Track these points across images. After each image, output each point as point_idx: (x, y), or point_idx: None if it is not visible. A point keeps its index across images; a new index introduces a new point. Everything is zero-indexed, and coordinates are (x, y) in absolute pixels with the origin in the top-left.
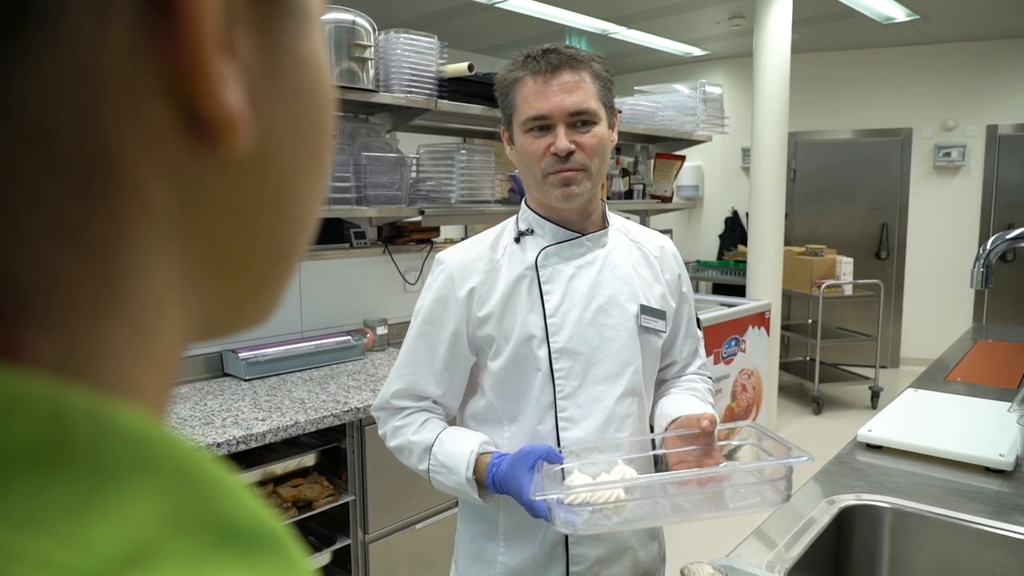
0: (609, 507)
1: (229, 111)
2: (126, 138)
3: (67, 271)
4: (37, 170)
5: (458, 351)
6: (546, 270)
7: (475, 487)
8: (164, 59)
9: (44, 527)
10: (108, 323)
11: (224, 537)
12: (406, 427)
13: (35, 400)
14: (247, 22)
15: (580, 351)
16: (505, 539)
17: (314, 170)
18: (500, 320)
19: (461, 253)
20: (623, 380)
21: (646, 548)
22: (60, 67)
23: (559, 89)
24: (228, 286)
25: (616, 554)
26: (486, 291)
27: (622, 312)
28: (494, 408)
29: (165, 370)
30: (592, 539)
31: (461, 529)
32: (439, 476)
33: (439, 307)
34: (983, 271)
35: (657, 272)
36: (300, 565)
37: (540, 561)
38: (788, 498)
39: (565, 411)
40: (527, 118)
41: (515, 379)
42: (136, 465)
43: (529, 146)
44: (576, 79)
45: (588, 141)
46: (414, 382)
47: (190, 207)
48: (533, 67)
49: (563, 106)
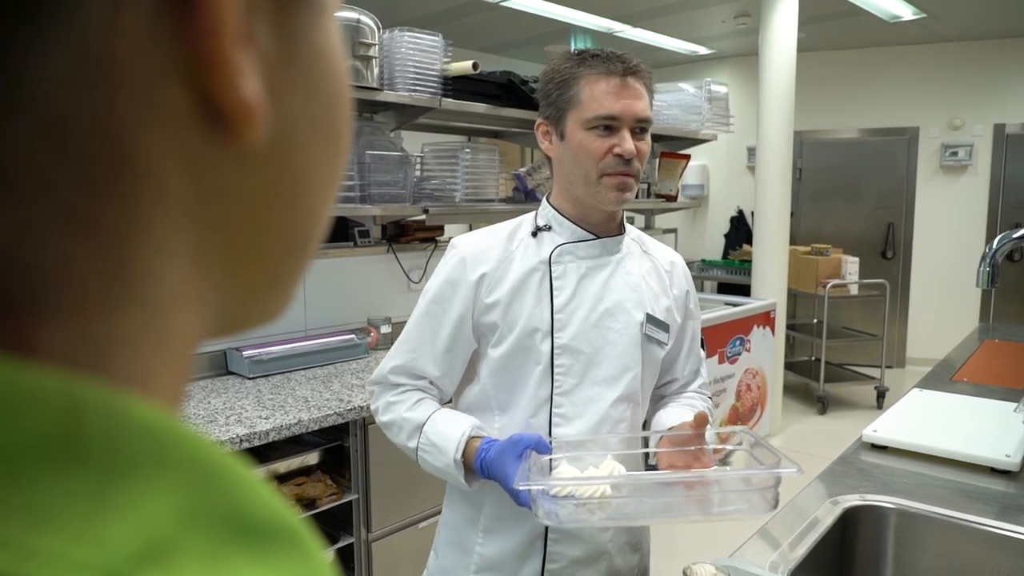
0: (594, 502)
1: (247, 101)
2: (141, 127)
3: (80, 262)
4: (50, 159)
5: (461, 335)
6: (559, 266)
7: (462, 470)
8: (182, 47)
9: (58, 523)
10: (122, 316)
11: (241, 531)
12: (399, 403)
13: (48, 394)
14: (266, 12)
15: (582, 350)
16: (485, 529)
17: (330, 163)
18: (507, 309)
19: (476, 240)
20: (621, 384)
21: (624, 556)
22: (74, 53)
23: (630, 94)
24: (243, 278)
25: (593, 557)
26: (497, 279)
27: (628, 318)
28: (488, 396)
29: (180, 363)
30: (571, 539)
31: (445, 515)
32: (427, 456)
33: (448, 289)
34: (989, 270)
35: (666, 286)
36: (317, 558)
37: (517, 555)
38: (775, 507)
39: (560, 407)
40: (595, 116)
41: (514, 369)
42: (151, 459)
43: (591, 144)
44: (641, 87)
45: (644, 148)
46: (414, 360)
47: (205, 197)
48: (606, 67)
49: (633, 110)
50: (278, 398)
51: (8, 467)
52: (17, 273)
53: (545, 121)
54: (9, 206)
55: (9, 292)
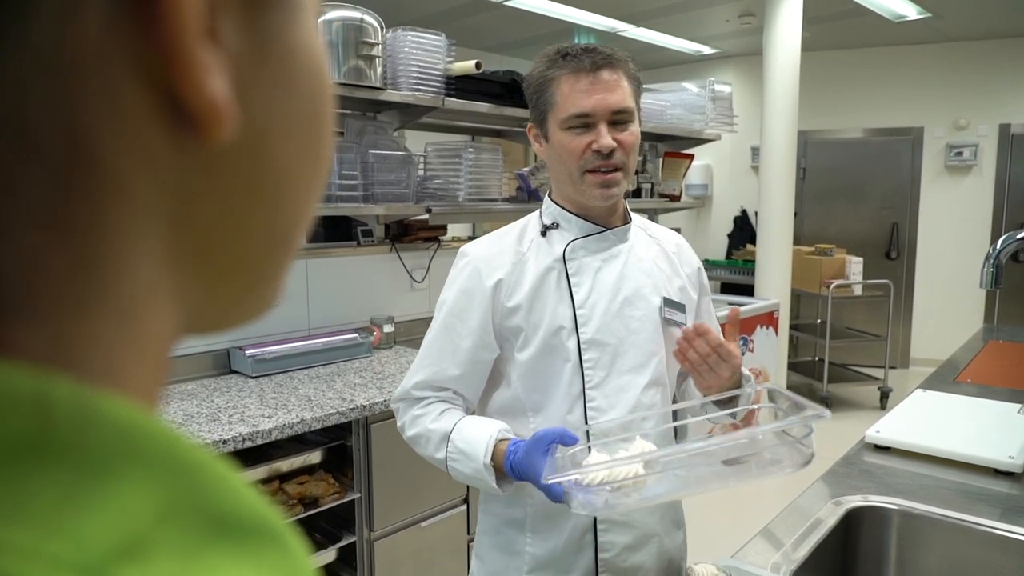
0: (628, 484)
1: (213, 100)
2: (104, 128)
3: (49, 262)
4: (12, 159)
5: (483, 343)
6: (574, 262)
7: (492, 473)
8: (143, 46)
9: (32, 519)
10: (94, 316)
11: (218, 528)
12: (424, 416)
13: (18, 391)
14: (234, 10)
15: (607, 342)
16: (532, 529)
17: (311, 162)
18: (529, 311)
19: (486, 246)
20: (648, 371)
21: (671, 535)
22: (34, 53)
23: (601, 87)
24: (223, 279)
25: (643, 541)
26: (514, 282)
27: (647, 304)
28: (520, 399)
29: (155, 363)
30: (621, 526)
31: (484, 520)
32: (456, 464)
33: (465, 299)
34: (993, 271)
35: (676, 267)
36: (296, 555)
37: (569, 549)
38: (811, 459)
39: (594, 400)
40: (569, 115)
41: (543, 369)
42: (125, 455)
43: (569, 143)
44: (616, 78)
45: (627, 139)
46: (436, 373)
47: (176, 199)
48: (575, 65)
49: (606, 104)
50: (281, 397)
51: None
52: None
53: (533, 124)
54: None
55: None
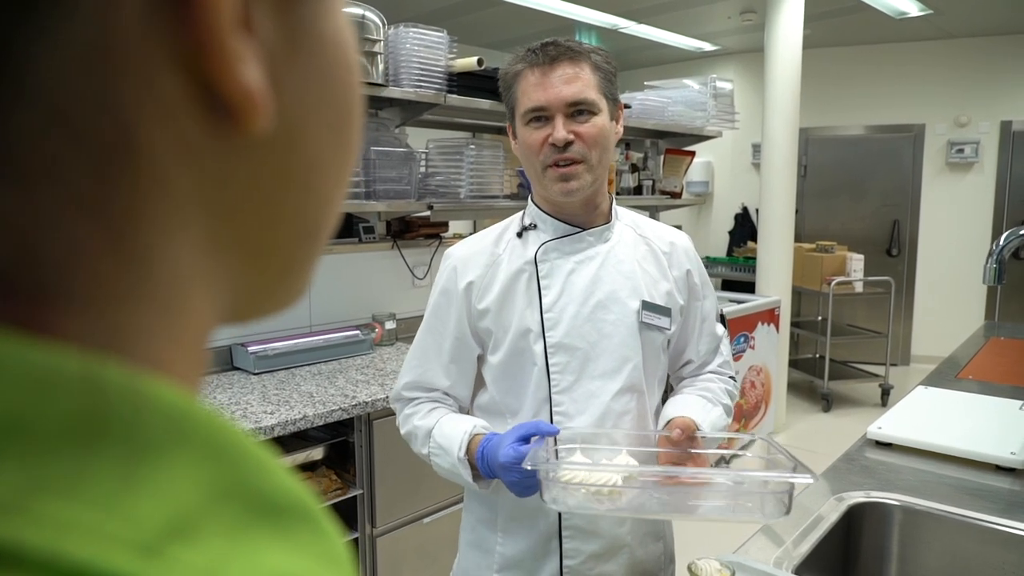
0: (604, 491)
1: (248, 90)
2: (145, 118)
3: (94, 251)
4: (56, 147)
5: (463, 343)
6: (545, 265)
7: (467, 467)
8: (180, 36)
9: (92, 498)
10: (136, 304)
11: (260, 509)
12: (414, 415)
13: (68, 373)
14: (268, 1)
15: (577, 346)
16: (503, 529)
17: (341, 150)
18: (498, 314)
19: (467, 247)
20: (621, 376)
21: (645, 547)
22: (75, 44)
23: (557, 80)
24: (256, 267)
25: (612, 551)
26: (485, 285)
27: (622, 308)
28: (496, 402)
29: (194, 352)
30: (586, 534)
31: (464, 517)
32: (437, 459)
33: (444, 300)
34: (995, 267)
35: (664, 268)
36: (332, 537)
37: (536, 553)
38: (787, 513)
39: (560, 406)
40: (526, 110)
41: (513, 373)
42: (175, 438)
43: (528, 138)
44: (574, 71)
45: (587, 131)
46: (422, 374)
47: (213, 188)
48: (532, 60)
49: (561, 96)
50: (283, 394)
51: (34, 443)
52: (30, 260)
53: (509, 123)
54: (20, 194)
55: (23, 278)
